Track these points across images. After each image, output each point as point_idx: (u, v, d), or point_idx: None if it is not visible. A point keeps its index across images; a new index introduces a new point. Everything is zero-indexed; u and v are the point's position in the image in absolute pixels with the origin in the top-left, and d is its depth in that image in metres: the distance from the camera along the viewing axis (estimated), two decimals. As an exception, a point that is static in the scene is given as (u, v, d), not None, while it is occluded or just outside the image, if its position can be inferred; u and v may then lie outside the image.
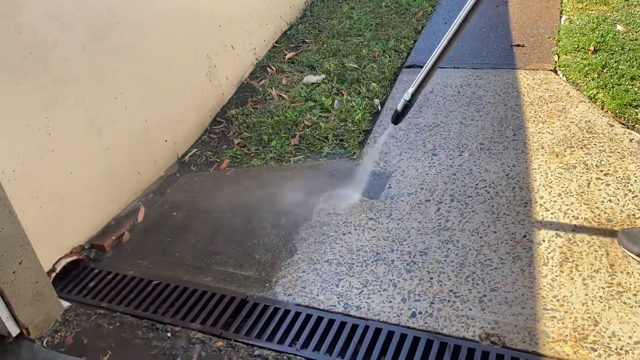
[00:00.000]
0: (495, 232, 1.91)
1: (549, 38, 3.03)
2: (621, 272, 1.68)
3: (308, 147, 2.51)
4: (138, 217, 2.24)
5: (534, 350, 1.51)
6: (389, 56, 3.09)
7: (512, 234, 1.89)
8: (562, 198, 1.99)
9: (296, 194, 2.23)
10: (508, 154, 2.25)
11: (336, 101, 2.75)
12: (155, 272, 1.99)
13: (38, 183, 1.87)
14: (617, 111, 2.34)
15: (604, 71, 2.59)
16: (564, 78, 2.67)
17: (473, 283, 1.74)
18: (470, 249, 1.86)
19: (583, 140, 2.24)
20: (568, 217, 1.91)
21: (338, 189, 2.22)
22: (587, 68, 2.63)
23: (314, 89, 2.90)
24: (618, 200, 1.93)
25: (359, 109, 2.64)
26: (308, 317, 1.72)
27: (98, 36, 2.04)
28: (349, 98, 2.76)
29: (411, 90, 1.82)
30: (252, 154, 2.54)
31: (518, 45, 3.03)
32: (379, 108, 2.70)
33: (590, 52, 2.75)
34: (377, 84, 2.84)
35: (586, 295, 1.63)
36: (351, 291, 1.78)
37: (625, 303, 1.59)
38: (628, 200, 1.93)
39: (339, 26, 3.51)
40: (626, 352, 1.47)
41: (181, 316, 1.79)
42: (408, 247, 1.91)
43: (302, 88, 2.91)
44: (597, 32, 2.89)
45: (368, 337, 1.63)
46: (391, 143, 2.43)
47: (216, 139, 2.69)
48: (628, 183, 1.99)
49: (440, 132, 2.45)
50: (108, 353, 1.69)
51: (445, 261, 1.83)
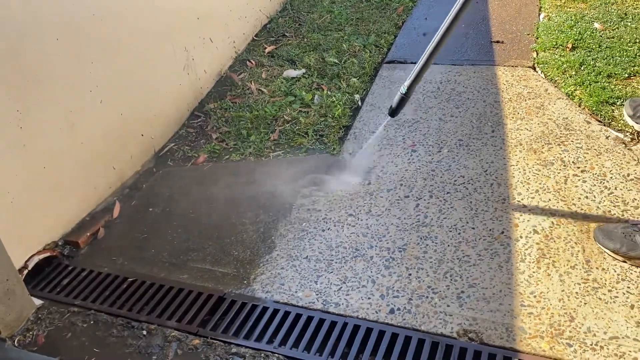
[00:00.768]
0: (473, 229, 1.92)
1: (528, 35, 3.05)
2: (597, 269, 1.70)
3: (288, 143, 2.49)
4: (113, 213, 2.20)
5: (511, 346, 1.52)
6: (370, 51, 3.08)
7: (490, 230, 1.90)
8: (540, 194, 2.00)
9: (275, 190, 2.21)
10: (487, 150, 2.26)
11: (316, 96, 2.73)
12: (130, 269, 1.95)
13: (9, 178, 1.82)
14: (594, 108, 2.36)
15: (582, 68, 2.61)
16: (543, 75, 2.69)
17: (451, 279, 1.74)
18: (448, 245, 1.86)
19: (561, 137, 2.26)
20: (545, 214, 1.92)
21: (317, 185, 2.21)
22: (565, 65, 2.65)
23: (294, 84, 2.87)
24: (594, 197, 1.95)
25: (339, 105, 2.63)
26: (286, 314, 1.70)
27: (72, 28, 1.99)
28: (329, 93, 2.74)
29: (407, 83, 1.84)
30: (231, 149, 2.51)
31: (497, 41, 3.04)
32: (359, 103, 2.68)
33: (568, 50, 2.77)
34: (358, 79, 2.83)
35: (562, 291, 1.65)
36: (330, 288, 1.77)
37: (600, 299, 1.61)
38: (604, 197, 1.95)
39: (320, 20, 3.49)
40: (601, 348, 1.48)
41: (157, 314, 1.76)
42: (387, 243, 1.90)
43: (282, 82, 2.89)
44: (575, 30, 2.91)
45: (347, 334, 1.62)
46: (371, 139, 2.42)
47: (194, 134, 2.65)
48: (604, 180, 2.02)
49: (419, 128, 2.44)
50: (82, 352, 1.66)
51: (423, 257, 1.83)
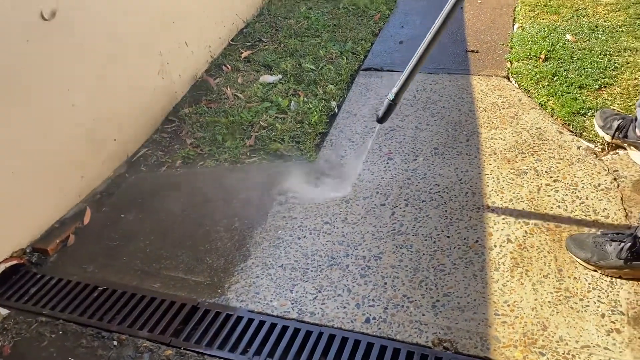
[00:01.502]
0: (448, 237, 1.93)
1: (502, 45, 3.10)
2: (569, 277, 1.72)
3: (264, 149, 2.47)
4: (84, 220, 2.15)
5: (485, 355, 1.53)
6: (346, 58, 3.09)
7: (465, 239, 1.91)
8: (514, 203, 2.02)
9: (251, 197, 2.19)
10: (461, 159, 2.28)
11: (293, 102, 2.72)
12: (101, 277, 1.91)
13: (-25, 183, 1.77)
14: (566, 119, 2.40)
15: (554, 79, 2.66)
16: (516, 85, 2.73)
17: (426, 288, 1.75)
18: (423, 254, 1.87)
19: (534, 146, 2.29)
20: (519, 223, 1.94)
21: (294, 192, 2.19)
22: (538, 76, 2.69)
23: (271, 89, 2.86)
24: (566, 206, 1.98)
25: (316, 111, 2.62)
26: (261, 324, 1.68)
27: (43, 30, 1.94)
28: (306, 99, 2.73)
29: (395, 90, 1.86)
30: (206, 155, 2.48)
31: (472, 51, 3.08)
32: (336, 110, 2.68)
33: (541, 60, 2.82)
34: (334, 86, 2.83)
35: (535, 300, 1.66)
36: (305, 297, 1.76)
37: (572, 308, 1.63)
38: (576, 206, 1.98)
39: (297, 26, 3.48)
40: (573, 357, 1.50)
41: (128, 324, 1.72)
42: (363, 252, 1.90)
43: (258, 88, 2.87)
44: (548, 41, 2.96)
45: (322, 343, 1.61)
46: (347, 146, 2.42)
47: (168, 139, 2.61)
48: (576, 190, 2.05)
49: (395, 136, 2.45)
50: (49, 364, 1.61)
51: (399, 266, 1.83)
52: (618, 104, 2.44)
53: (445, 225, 1.98)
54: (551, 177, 2.12)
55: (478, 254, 1.84)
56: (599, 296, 1.66)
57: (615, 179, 2.07)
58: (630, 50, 2.81)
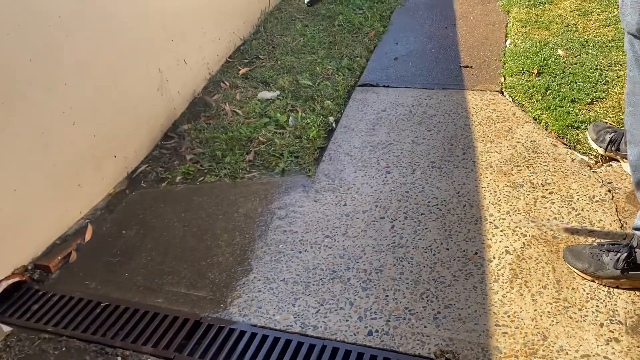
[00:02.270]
0: (447, 249, 1.95)
1: (495, 60, 3.15)
2: (567, 288, 1.75)
3: (263, 164, 2.50)
4: (85, 236, 2.16)
5: (487, 366, 1.55)
6: (343, 74, 3.13)
7: (464, 251, 1.93)
8: (511, 216, 2.06)
9: (251, 212, 2.21)
10: (458, 173, 2.31)
11: (291, 118, 2.76)
12: (104, 294, 1.91)
13: (-22, 201, 1.78)
14: (560, 132, 2.45)
15: (547, 93, 2.71)
16: (510, 99, 2.78)
17: (427, 300, 1.77)
18: (424, 266, 1.89)
19: (529, 159, 2.33)
20: (516, 234, 1.97)
21: (294, 206, 2.22)
22: (532, 90, 2.74)
23: (269, 105, 2.89)
24: (562, 217, 2.02)
25: (314, 126, 2.66)
26: (264, 338, 1.69)
27: (46, 49, 1.97)
28: (304, 115, 2.77)
29: None
30: (205, 170, 2.50)
31: (466, 66, 3.13)
32: (334, 125, 2.72)
33: (534, 75, 2.88)
34: (332, 102, 2.87)
35: (535, 310, 1.69)
36: (308, 310, 1.77)
37: (571, 318, 1.66)
38: (572, 217, 2.01)
39: (293, 43, 3.53)
40: (573, 366, 1.52)
41: (132, 339, 1.73)
42: (364, 265, 1.92)
43: (257, 104, 2.90)
44: (540, 56, 3.02)
45: (325, 357, 1.62)
46: (346, 160, 2.45)
47: (168, 155, 2.63)
48: (571, 201, 2.09)
49: (393, 150, 2.49)
50: (53, 380, 1.62)
51: (400, 278, 1.85)
52: (610, 117, 2.49)
53: (444, 237, 2.00)
54: (547, 190, 2.16)
55: (477, 266, 1.87)
56: (597, 306, 1.69)
57: (609, 191, 2.11)
58: (620, 64, 2.87)
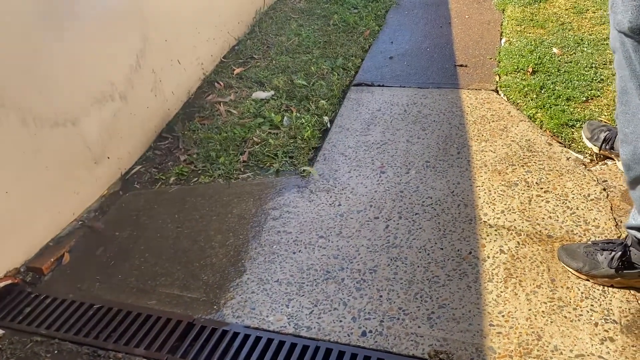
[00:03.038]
0: (442, 249, 1.94)
1: (490, 59, 3.15)
2: (562, 287, 1.74)
3: (257, 164, 2.49)
4: (78, 238, 2.14)
5: (481, 366, 1.54)
6: (338, 74, 3.12)
7: (458, 251, 1.93)
8: (505, 215, 2.05)
9: (245, 212, 2.20)
10: (453, 172, 2.30)
11: (285, 118, 2.75)
12: (97, 296, 1.90)
13: (-31, 203, 1.77)
14: (555, 130, 2.44)
15: (542, 92, 2.70)
16: (505, 98, 2.77)
17: (422, 300, 1.76)
18: (418, 266, 1.88)
19: (524, 158, 2.32)
20: (511, 234, 1.96)
21: (288, 207, 2.21)
22: (527, 89, 2.74)
23: (263, 105, 2.88)
24: (557, 216, 2.01)
25: (309, 126, 2.65)
26: (257, 339, 1.68)
27: (40, 43, 1.96)
28: (298, 115, 2.76)
29: None
30: (199, 171, 2.49)
31: (461, 65, 3.12)
32: (328, 125, 2.71)
33: (529, 73, 2.87)
34: (326, 102, 2.86)
35: (529, 310, 1.68)
36: (301, 311, 1.76)
37: (566, 317, 1.65)
38: (566, 216, 2.01)
39: (288, 43, 3.52)
40: (568, 366, 1.52)
41: (124, 341, 1.72)
42: (358, 265, 1.91)
43: (251, 104, 2.89)
44: (535, 54, 3.02)
45: (319, 358, 1.61)
46: (340, 160, 2.44)
47: (161, 156, 2.62)
48: (566, 200, 2.08)
49: (387, 150, 2.48)
50: (45, 383, 1.60)
51: (394, 278, 1.85)
52: (605, 116, 2.49)
53: (438, 237, 2.00)
54: (542, 188, 2.15)
55: (472, 266, 1.86)
56: (592, 305, 1.68)
57: (604, 189, 2.11)
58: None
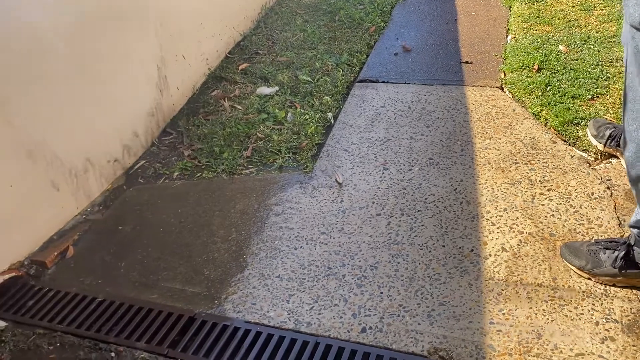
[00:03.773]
0: (443, 247, 1.94)
1: (496, 56, 3.13)
2: (563, 286, 1.74)
3: (260, 160, 2.49)
4: (82, 232, 2.16)
5: (481, 364, 1.54)
6: (342, 70, 3.12)
7: (460, 248, 1.92)
8: (508, 213, 2.04)
9: (247, 208, 2.21)
10: (456, 169, 2.30)
11: (289, 114, 2.75)
12: (99, 289, 1.92)
13: (-27, 196, 1.78)
14: (560, 128, 2.43)
15: (547, 89, 2.69)
16: (510, 95, 2.76)
17: (422, 297, 1.76)
18: (419, 263, 1.88)
19: (528, 156, 2.31)
20: (513, 232, 1.96)
21: (290, 203, 2.21)
22: (532, 86, 2.72)
23: (267, 101, 2.88)
24: (560, 215, 2.00)
25: (312, 122, 2.65)
26: (258, 335, 1.69)
27: (42, 45, 1.96)
28: (302, 111, 2.76)
29: None
30: (203, 166, 2.49)
31: (466, 62, 3.11)
32: (332, 121, 2.71)
33: (534, 71, 2.85)
34: (330, 98, 2.86)
35: (530, 308, 1.68)
36: (302, 307, 1.77)
37: (566, 316, 1.64)
38: (569, 215, 2.00)
39: (293, 39, 3.52)
40: (567, 364, 1.51)
41: (126, 335, 1.73)
42: (359, 262, 1.91)
43: (255, 100, 2.89)
44: (541, 52, 3.00)
45: (319, 354, 1.62)
46: (343, 157, 2.44)
47: (166, 151, 2.63)
48: (569, 198, 2.07)
49: (391, 147, 2.48)
50: (47, 376, 1.62)
51: (395, 275, 1.85)
52: (610, 114, 2.47)
53: (440, 234, 1.99)
54: (545, 187, 2.14)
55: (473, 263, 1.86)
56: (593, 304, 1.67)
57: (608, 188, 2.09)
58: (622, 60, 2.84)
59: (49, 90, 2.03)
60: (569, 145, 2.35)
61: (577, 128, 2.42)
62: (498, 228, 1.98)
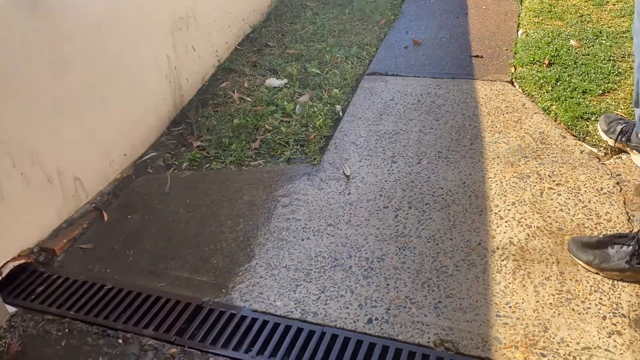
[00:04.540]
0: (451, 240, 1.94)
1: (507, 50, 3.11)
2: (570, 280, 1.73)
3: (268, 152, 2.50)
4: (91, 220, 2.17)
5: (487, 356, 1.54)
6: (351, 63, 3.11)
7: (468, 242, 1.92)
8: (516, 207, 2.04)
9: (255, 199, 2.22)
10: (465, 163, 2.29)
11: (298, 106, 2.75)
12: (108, 277, 1.93)
13: (-16, 183, 1.80)
14: (569, 123, 2.41)
15: (558, 84, 2.67)
16: (520, 90, 2.74)
17: (429, 289, 1.76)
18: (426, 256, 1.88)
19: (537, 150, 2.30)
20: (521, 226, 1.95)
21: (298, 194, 2.22)
22: (542, 81, 2.71)
23: (276, 93, 2.89)
24: (569, 209, 1.99)
25: (321, 115, 2.65)
26: (264, 324, 1.70)
27: (55, 38, 1.98)
28: (311, 103, 2.76)
29: None
30: (212, 157, 2.50)
31: (477, 56, 3.09)
32: (340, 114, 2.71)
33: (545, 65, 2.84)
34: (339, 90, 2.85)
35: (537, 302, 1.67)
36: (309, 297, 1.77)
37: (573, 310, 1.64)
38: (578, 210, 1.99)
39: (303, 31, 3.51)
40: (574, 358, 1.51)
41: (134, 322, 1.75)
42: (366, 254, 1.92)
43: (264, 92, 2.90)
44: (552, 46, 2.98)
45: (324, 344, 1.62)
46: (351, 149, 2.44)
47: (175, 142, 2.64)
48: (578, 193, 2.06)
49: (399, 140, 2.47)
50: (55, 360, 1.64)
51: (402, 267, 1.85)
52: (621, 109, 2.45)
53: (448, 227, 1.99)
54: (554, 181, 2.13)
55: (480, 256, 1.85)
56: (601, 298, 1.67)
57: (617, 183, 2.08)
58: (634, 55, 2.81)
59: (61, 79, 2.04)
60: (579, 140, 2.34)
61: (587, 123, 2.41)
62: (506, 222, 1.98)
